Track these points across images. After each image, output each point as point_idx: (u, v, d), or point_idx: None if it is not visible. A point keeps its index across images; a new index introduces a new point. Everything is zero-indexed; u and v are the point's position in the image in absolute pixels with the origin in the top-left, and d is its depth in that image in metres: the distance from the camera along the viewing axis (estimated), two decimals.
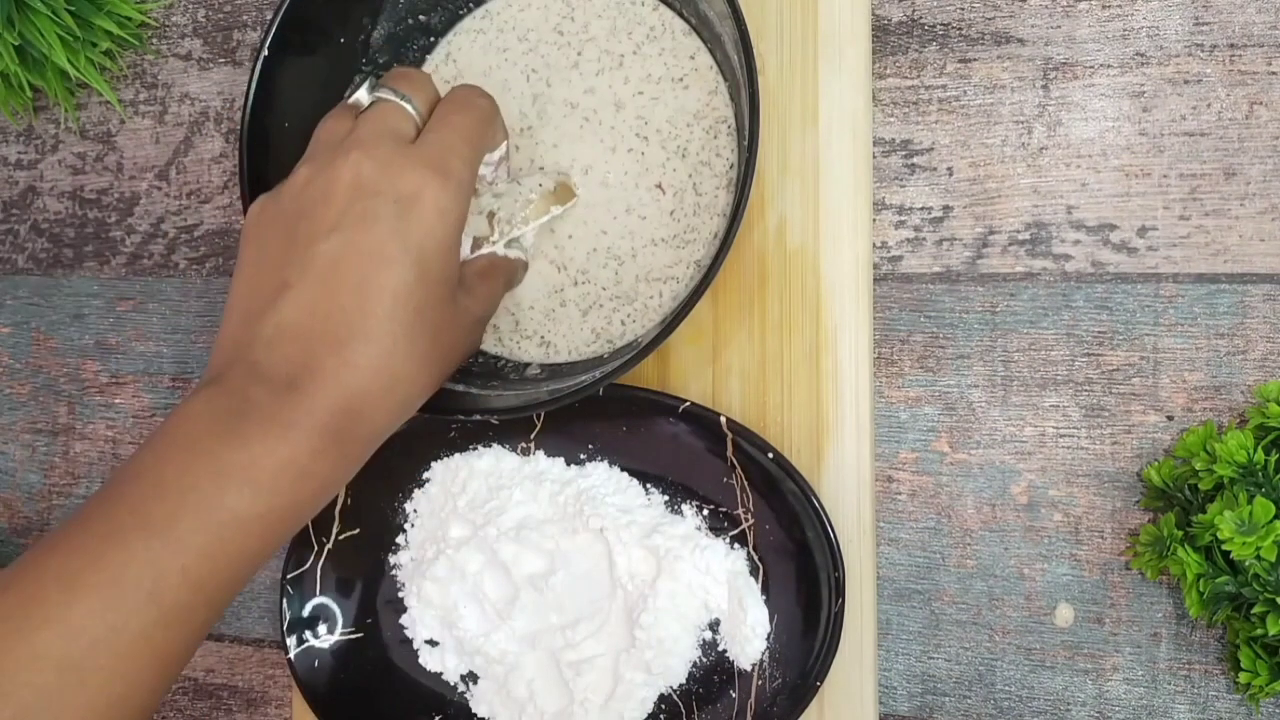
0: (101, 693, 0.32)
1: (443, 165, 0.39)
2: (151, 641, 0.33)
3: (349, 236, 0.37)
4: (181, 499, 0.34)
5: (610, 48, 0.47)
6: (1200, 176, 0.44)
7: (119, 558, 0.33)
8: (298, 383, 0.36)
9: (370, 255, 0.37)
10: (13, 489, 0.59)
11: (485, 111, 0.44)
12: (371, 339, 0.37)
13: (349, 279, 0.37)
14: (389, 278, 0.37)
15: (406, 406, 0.39)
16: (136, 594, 0.33)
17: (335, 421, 0.36)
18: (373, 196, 0.38)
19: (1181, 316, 0.44)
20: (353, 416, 0.37)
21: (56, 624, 0.32)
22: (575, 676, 0.46)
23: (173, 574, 0.33)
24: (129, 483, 0.35)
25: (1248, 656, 0.40)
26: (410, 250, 0.38)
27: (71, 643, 0.32)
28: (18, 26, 0.51)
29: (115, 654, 0.33)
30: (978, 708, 0.46)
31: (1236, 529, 0.38)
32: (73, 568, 0.33)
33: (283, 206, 0.40)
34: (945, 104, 0.46)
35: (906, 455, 0.46)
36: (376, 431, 0.38)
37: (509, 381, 0.47)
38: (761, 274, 0.47)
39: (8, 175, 0.60)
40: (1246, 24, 0.44)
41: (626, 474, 0.47)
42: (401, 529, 0.50)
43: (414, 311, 0.38)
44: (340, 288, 0.37)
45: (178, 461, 0.35)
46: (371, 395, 0.37)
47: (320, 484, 0.36)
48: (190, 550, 0.34)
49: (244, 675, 0.55)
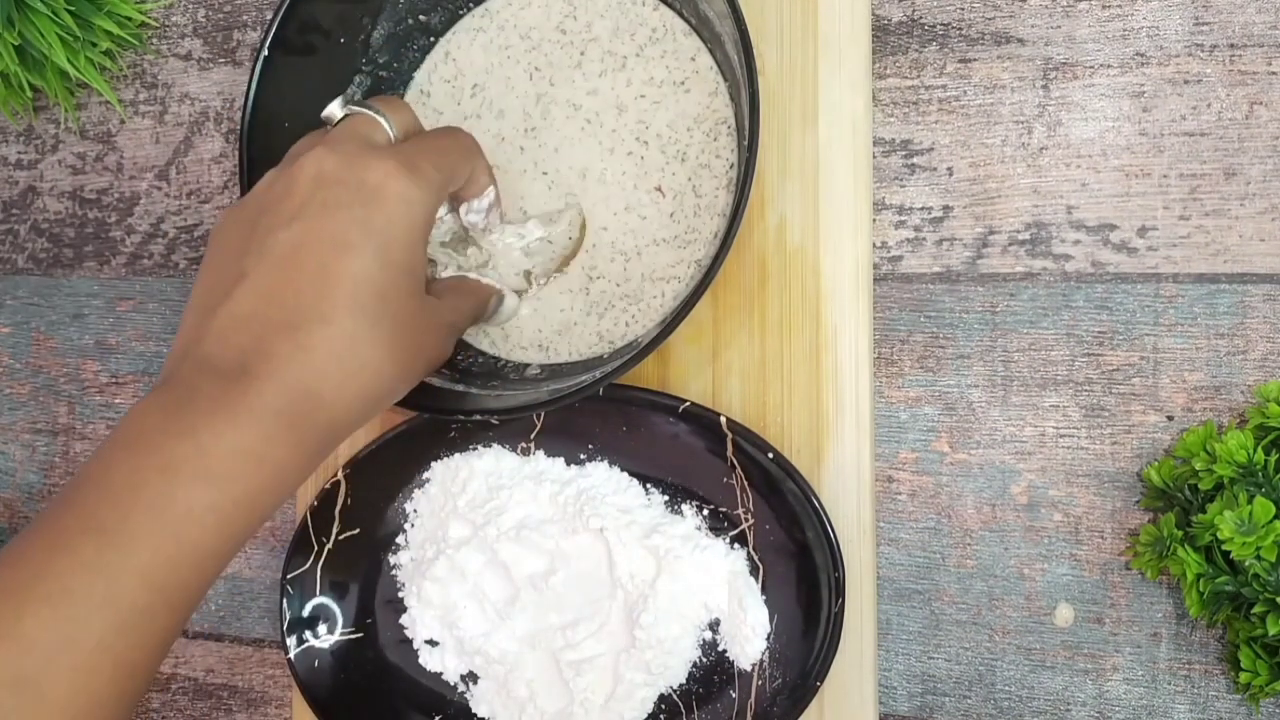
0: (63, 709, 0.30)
1: (410, 162, 0.38)
2: (111, 651, 0.31)
3: (309, 224, 0.36)
4: (131, 498, 0.32)
5: (614, 49, 0.47)
6: (1200, 176, 0.44)
7: (67, 565, 0.31)
8: (248, 368, 0.34)
9: (330, 241, 0.36)
10: (13, 489, 0.59)
11: (464, 141, 0.43)
12: (329, 321, 0.35)
13: (308, 265, 0.36)
14: (349, 263, 0.36)
15: (370, 397, 0.37)
16: (89, 601, 0.31)
17: (290, 406, 0.34)
18: (335, 185, 0.37)
19: (1181, 316, 0.44)
20: (310, 400, 0.35)
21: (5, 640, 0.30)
22: (575, 676, 0.46)
23: (127, 577, 0.31)
24: (77, 489, 0.33)
25: (1248, 656, 0.40)
26: (373, 236, 0.36)
27: (23, 658, 0.30)
28: (18, 26, 0.51)
29: (73, 667, 0.30)
30: (978, 708, 0.46)
31: (1236, 529, 0.38)
32: (20, 579, 0.31)
33: (245, 207, 0.38)
34: (945, 104, 0.46)
35: (906, 455, 0.47)
36: (337, 419, 0.36)
37: (509, 381, 0.47)
38: (761, 274, 0.47)
39: (8, 175, 0.60)
40: (1246, 24, 0.44)
41: (626, 474, 0.47)
42: (401, 529, 0.50)
43: (376, 297, 0.36)
44: (298, 274, 0.36)
45: (124, 461, 0.33)
46: (329, 380, 0.35)
47: (276, 471, 0.34)
48: (144, 551, 0.32)
49: (244, 675, 0.55)
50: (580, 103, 0.48)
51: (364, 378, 0.36)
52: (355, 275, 0.36)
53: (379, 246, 0.36)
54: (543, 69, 0.48)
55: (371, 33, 0.48)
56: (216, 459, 0.33)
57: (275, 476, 0.34)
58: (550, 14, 0.48)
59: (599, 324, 0.47)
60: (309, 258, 0.36)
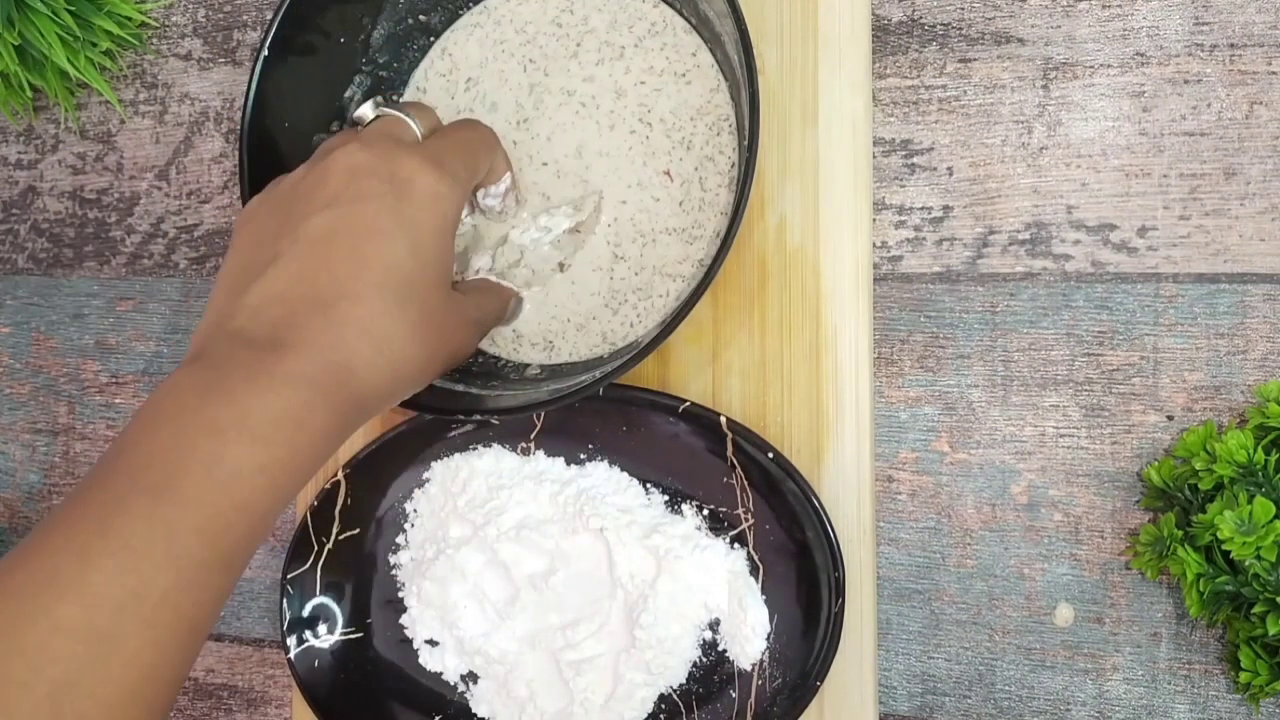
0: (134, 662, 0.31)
1: (439, 159, 0.40)
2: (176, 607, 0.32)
3: (343, 211, 0.38)
4: (180, 460, 0.33)
5: (611, 39, 0.47)
6: (1200, 176, 0.44)
7: (127, 523, 0.31)
8: (281, 340, 0.35)
9: (363, 228, 0.37)
10: (13, 489, 0.59)
11: (485, 135, 0.45)
12: (360, 299, 0.37)
13: (340, 248, 0.37)
14: (381, 248, 0.37)
15: (399, 376, 0.38)
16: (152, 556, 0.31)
17: (324, 375, 0.36)
18: (368, 177, 0.38)
19: (1181, 316, 0.44)
20: (343, 372, 0.36)
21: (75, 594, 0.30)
22: (575, 676, 0.46)
23: (186, 534, 0.32)
24: (121, 456, 0.33)
25: (1248, 656, 0.40)
26: (404, 225, 0.38)
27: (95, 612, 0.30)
28: (18, 26, 0.51)
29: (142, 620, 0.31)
30: (978, 708, 0.46)
31: (1236, 529, 0.38)
32: (82, 538, 0.31)
33: (279, 194, 0.40)
34: (945, 104, 0.46)
35: (906, 455, 0.47)
36: (367, 393, 0.37)
37: (509, 381, 0.47)
38: (761, 274, 0.47)
39: (8, 175, 0.60)
40: (1246, 24, 0.44)
41: (626, 474, 0.47)
42: (401, 529, 0.50)
43: (405, 283, 0.38)
44: (331, 256, 0.37)
45: (169, 428, 0.33)
46: (359, 354, 0.36)
47: (317, 436, 0.35)
48: (199, 508, 0.32)
49: (244, 675, 0.55)
50: (574, 89, 0.48)
51: (391, 355, 0.38)
52: (386, 260, 0.37)
53: (409, 236, 0.38)
54: (537, 60, 0.48)
55: (371, 33, 0.48)
56: (260, 422, 0.34)
57: (314, 442, 0.35)
58: (546, 8, 0.48)
59: (613, 320, 0.47)
60: (342, 241, 0.37)
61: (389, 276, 0.37)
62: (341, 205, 0.38)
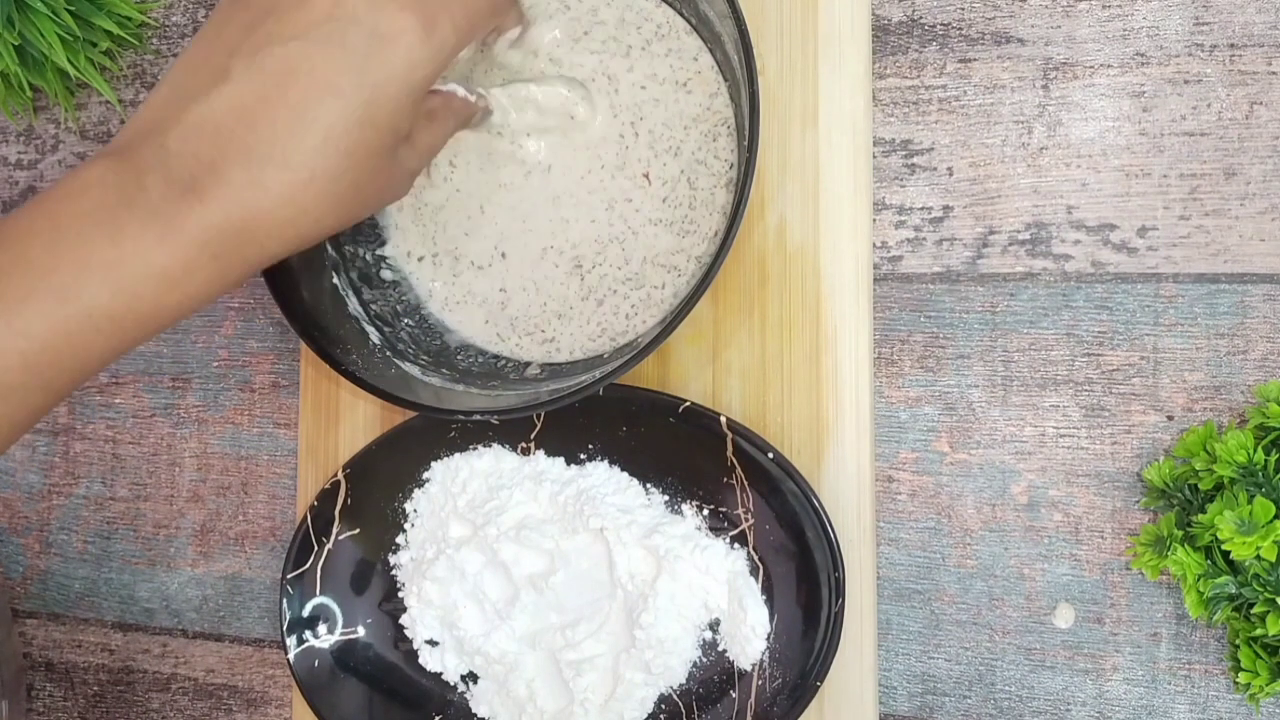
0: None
1: (432, 19, 0.37)
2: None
3: (308, 50, 0.35)
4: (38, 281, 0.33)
5: (619, 36, 0.47)
6: (1200, 176, 0.44)
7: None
8: (197, 185, 0.35)
9: (321, 81, 0.35)
10: (13, 489, 0.59)
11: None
12: (289, 167, 0.35)
13: (291, 95, 0.35)
14: (330, 110, 0.35)
15: (303, 240, 0.38)
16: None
17: (222, 238, 0.35)
18: (349, 21, 0.36)
19: (1181, 316, 0.44)
20: (243, 237, 0.35)
21: None
22: (575, 676, 0.46)
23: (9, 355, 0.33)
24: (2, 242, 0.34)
25: (1248, 656, 0.40)
26: (364, 89, 0.36)
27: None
28: (18, 26, 0.51)
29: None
30: (978, 708, 0.46)
31: (1236, 529, 0.38)
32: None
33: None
34: (945, 104, 0.46)
35: (906, 455, 0.47)
36: (264, 256, 0.37)
37: (509, 381, 0.47)
38: (761, 274, 0.47)
39: (8, 175, 0.60)
40: (1246, 24, 0.44)
41: (626, 474, 0.47)
42: (401, 529, 0.50)
43: (344, 154, 0.36)
44: (279, 100, 0.35)
45: (46, 238, 0.34)
46: (270, 222, 0.36)
47: (185, 297, 0.35)
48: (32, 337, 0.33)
49: (244, 675, 0.55)
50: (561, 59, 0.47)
51: (304, 223, 0.37)
52: (330, 125, 0.36)
53: (366, 100, 0.36)
54: None
55: None
56: (133, 274, 0.34)
57: (182, 301, 0.36)
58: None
59: (598, 311, 0.47)
60: (294, 86, 0.35)
61: (329, 145, 0.36)
62: (309, 42, 0.35)
